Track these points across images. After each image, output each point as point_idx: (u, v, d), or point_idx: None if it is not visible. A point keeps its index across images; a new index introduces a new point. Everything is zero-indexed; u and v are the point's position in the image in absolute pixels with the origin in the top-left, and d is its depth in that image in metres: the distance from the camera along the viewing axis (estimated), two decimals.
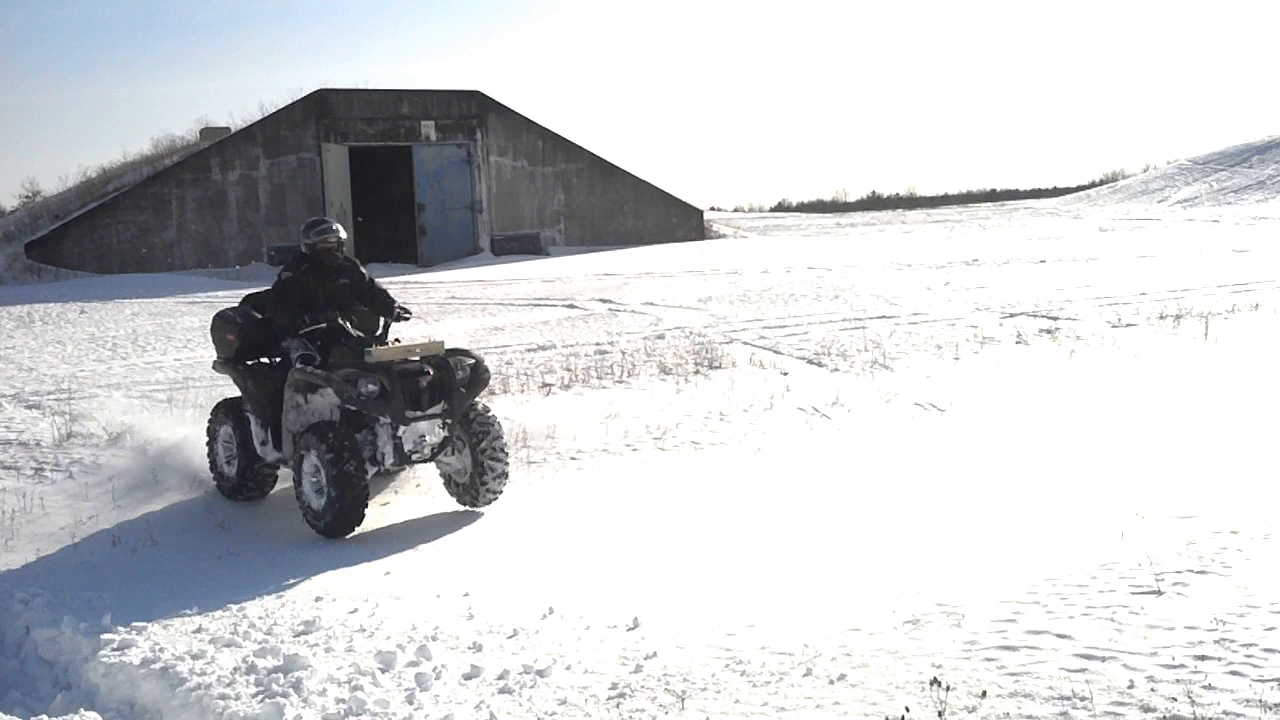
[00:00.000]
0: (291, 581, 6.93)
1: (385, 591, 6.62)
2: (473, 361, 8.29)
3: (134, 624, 6.15)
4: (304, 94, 30.33)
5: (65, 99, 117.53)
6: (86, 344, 16.17)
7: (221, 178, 29.69)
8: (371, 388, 7.77)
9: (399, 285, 24.81)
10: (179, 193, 29.34)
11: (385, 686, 5.21)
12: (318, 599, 6.54)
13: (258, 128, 30.17)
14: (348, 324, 8.41)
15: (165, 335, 16.94)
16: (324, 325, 8.37)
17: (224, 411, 9.00)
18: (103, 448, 9.88)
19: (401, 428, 7.94)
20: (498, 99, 32.58)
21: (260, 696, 5.15)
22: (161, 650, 5.74)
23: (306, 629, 6.00)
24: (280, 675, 5.33)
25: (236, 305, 9.17)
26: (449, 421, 8.11)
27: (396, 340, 8.54)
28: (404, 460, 8.07)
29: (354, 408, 7.90)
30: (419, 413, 7.94)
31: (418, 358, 8.04)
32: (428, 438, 8.05)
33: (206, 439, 9.10)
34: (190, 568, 7.42)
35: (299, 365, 8.26)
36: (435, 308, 20.12)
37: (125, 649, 5.80)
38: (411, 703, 5.04)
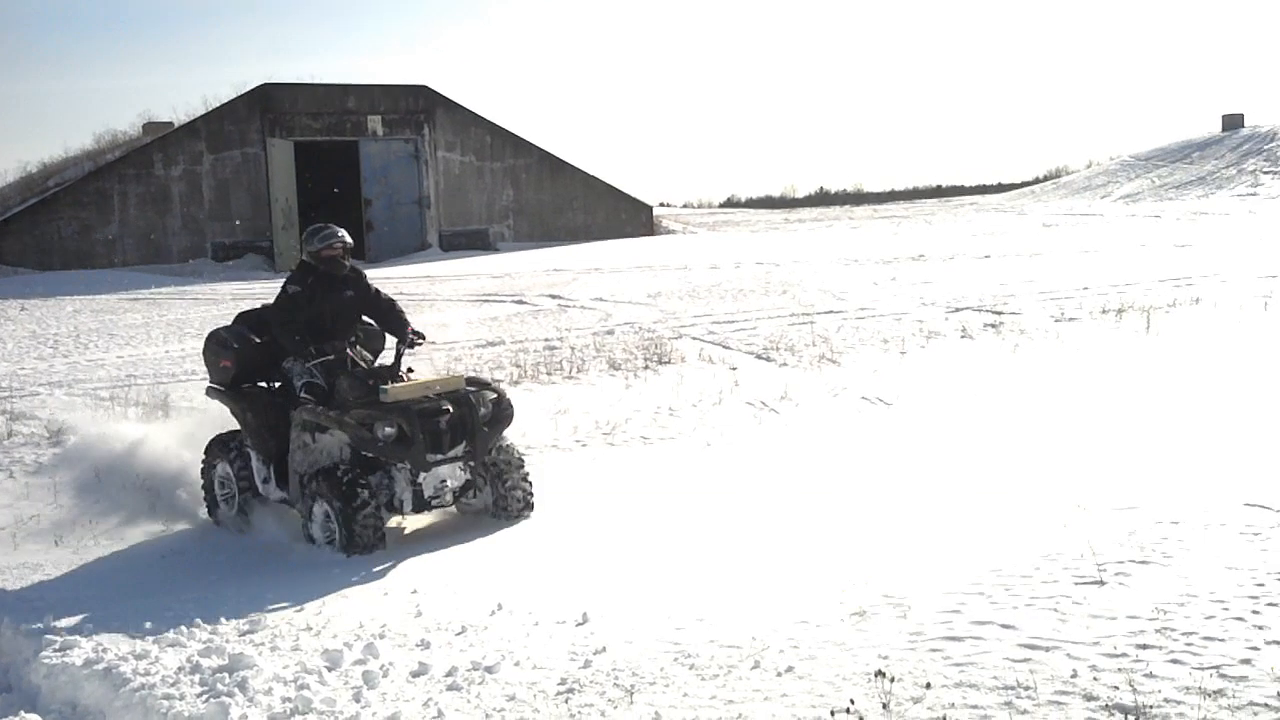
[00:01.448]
0: (236, 580, 6.86)
1: (332, 589, 6.57)
2: (494, 396, 7.70)
3: (76, 624, 6.07)
4: (248, 88, 30.07)
5: (3, 93, 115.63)
6: (28, 341, 15.94)
7: (164, 173, 29.35)
8: (389, 430, 7.15)
9: None
10: (121, 188, 28.97)
11: (332, 685, 5.18)
12: (263, 597, 6.47)
13: (201, 122, 29.84)
14: (358, 353, 7.81)
15: (108, 332, 16.72)
16: (333, 357, 7.71)
17: (220, 448, 8.22)
18: (44, 447, 9.74)
19: (422, 474, 7.36)
20: (445, 94, 32.45)
21: (205, 696, 5.09)
22: (104, 650, 5.67)
23: (252, 628, 5.94)
24: (225, 675, 5.27)
25: (230, 325, 8.40)
26: (472, 464, 7.54)
27: (409, 371, 7.88)
28: (423, 507, 7.53)
29: (370, 454, 7.32)
30: (440, 456, 7.34)
31: (436, 393, 7.40)
32: (449, 482, 7.49)
33: (201, 480, 8.36)
34: (133, 567, 7.33)
35: (304, 396, 7.64)
36: None
37: (67, 650, 5.71)
38: (359, 701, 5.00)
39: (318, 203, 31.16)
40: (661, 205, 45.03)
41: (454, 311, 17.94)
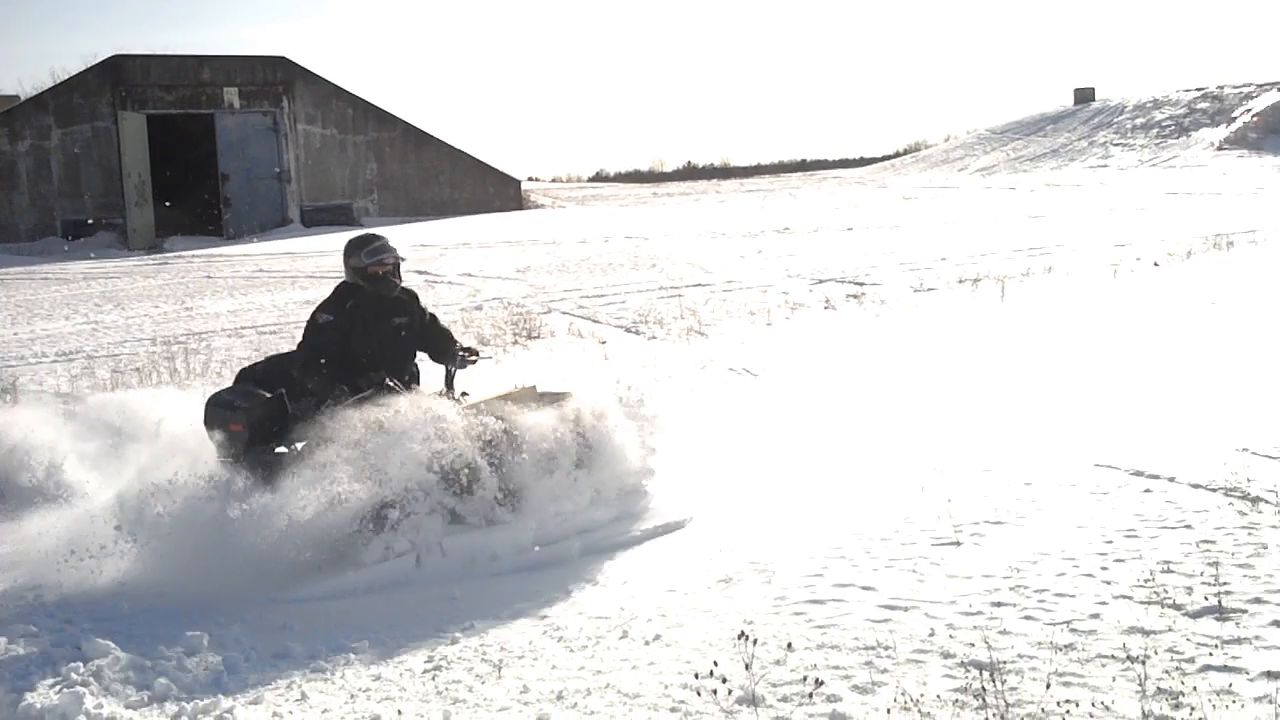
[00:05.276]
0: (91, 568, 6.63)
1: (191, 575, 6.39)
2: None
3: None
4: (99, 60, 29.11)
5: None
6: None
7: (10, 148, 28.25)
8: None
9: (203, 258, 24.03)
10: None
11: (192, 671, 5.05)
12: (119, 585, 6.28)
13: (49, 95, 28.82)
14: (400, 383, 6.54)
15: None
16: (368, 393, 6.44)
17: None
18: None
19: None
20: (305, 66, 31.80)
21: (58, 687, 4.93)
22: None
23: (108, 616, 5.76)
24: (80, 664, 5.11)
25: (232, 384, 7.19)
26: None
27: (464, 395, 6.82)
28: None
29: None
30: None
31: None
32: None
33: None
34: None
35: None
36: (243, 281, 19.56)
37: None
38: (219, 686, 4.89)
39: (173, 178, 30.31)
40: (530, 180, 44.82)
41: (319, 289, 17.61)
